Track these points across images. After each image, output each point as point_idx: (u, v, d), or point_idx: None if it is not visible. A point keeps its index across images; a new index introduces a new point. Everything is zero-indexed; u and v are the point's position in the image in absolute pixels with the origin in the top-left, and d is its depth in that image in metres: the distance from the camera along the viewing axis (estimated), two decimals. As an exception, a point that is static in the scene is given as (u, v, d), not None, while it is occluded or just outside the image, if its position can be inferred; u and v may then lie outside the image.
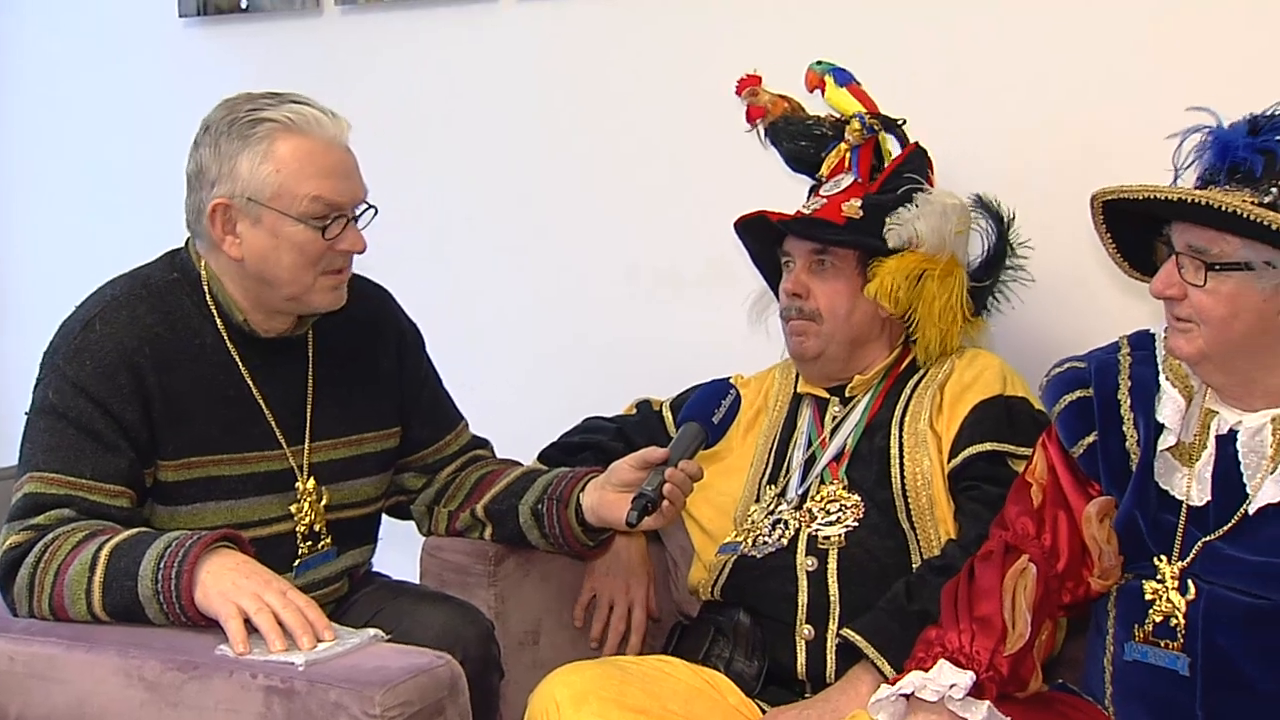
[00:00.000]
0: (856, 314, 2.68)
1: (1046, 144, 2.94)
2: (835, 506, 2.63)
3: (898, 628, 2.40)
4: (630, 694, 2.41)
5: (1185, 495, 2.21)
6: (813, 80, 2.82)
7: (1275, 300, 2.09)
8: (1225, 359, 2.15)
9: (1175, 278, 2.13)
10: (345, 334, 2.57)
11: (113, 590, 2.16)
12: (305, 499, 2.49)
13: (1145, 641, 2.21)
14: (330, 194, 2.34)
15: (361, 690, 1.91)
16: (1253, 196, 2.06)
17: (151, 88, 4.11)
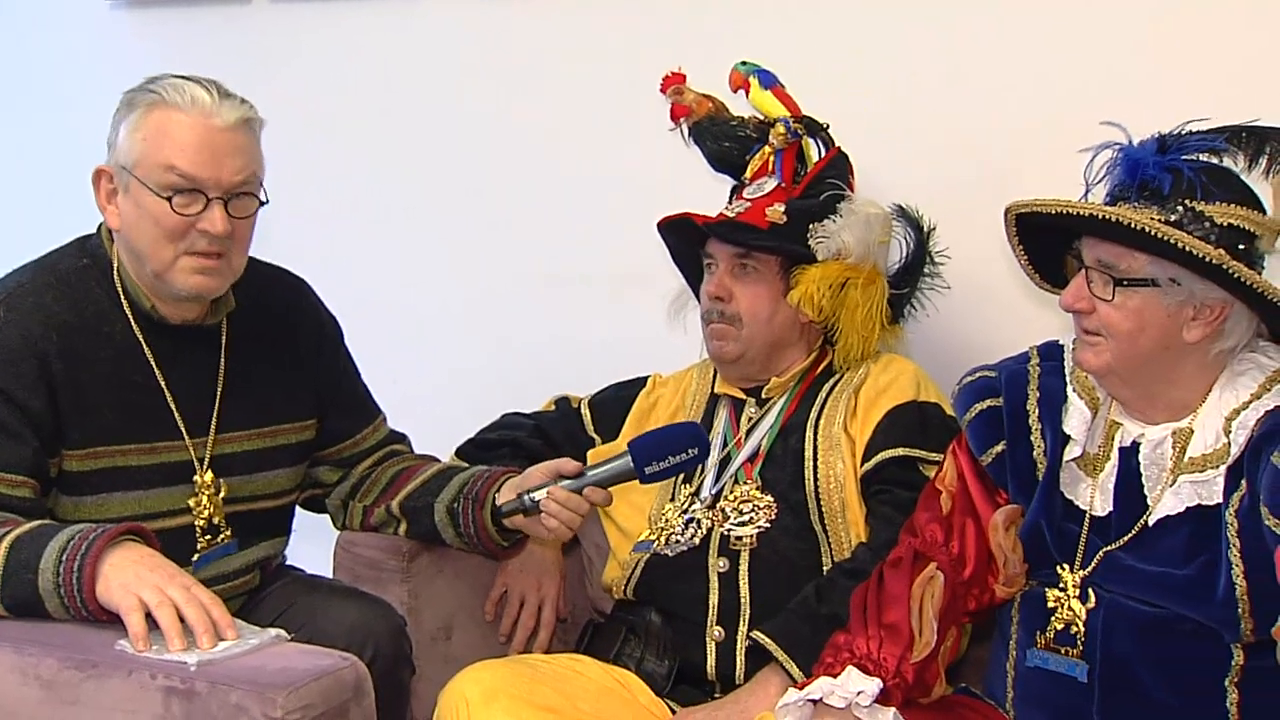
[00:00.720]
0: (777, 318, 2.67)
1: (964, 155, 2.95)
2: (749, 507, 2.63)
3: (807, 630, 2.40)
4: (540, 692, 2.40)
5: (1089, 505, 2.23)
6: (737, 80, 2.80)
7: (1179, 316, 2.11)
8: (1130, 372, 2.16)
9: (1084, 291, 2.15)
10: (261, 324, 2.52)
11: (11, 583, 2.10)
12: (203, 491, 2.43)
13: (1046, 648, 2.23)
14: (187, 166, 2.26)
15: (264, 692, 1.88)
16: (1160, 214, 2.08)
17: (78, 73, 4.04)
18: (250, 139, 2.34)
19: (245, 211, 2.33)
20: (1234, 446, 2.11)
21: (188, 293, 2.33)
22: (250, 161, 2.33)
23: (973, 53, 2.96)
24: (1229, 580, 2.07)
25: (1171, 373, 2.15)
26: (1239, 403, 2.13)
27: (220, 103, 2.29)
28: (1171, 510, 2.15)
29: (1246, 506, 2.07)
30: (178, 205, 2.26)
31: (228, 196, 2.29)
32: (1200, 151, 2.15)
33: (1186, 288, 2.09)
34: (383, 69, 3.56)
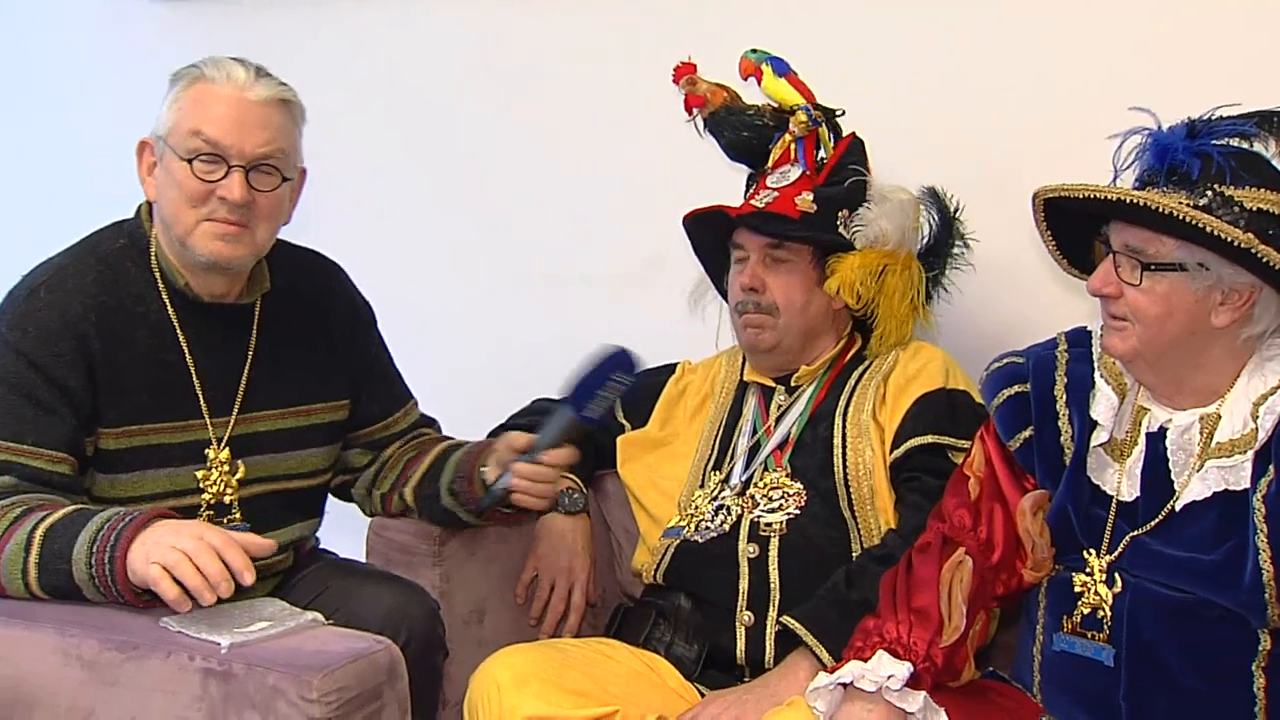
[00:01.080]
0: (812, 307, 2.67)
1: (965, 154, 2.94)
2: (778, 494, 2.63)
3: (837, 616, 2.40)
4: (570, 676, 2.42)
5: (1116, 490, 2.22)
6: (747, 68, 2.77)
7: (1207, 301, 2.10)
8: (1157, 357, 2.15)
9: (1112, 276, 2.14)
10: (295, 306, 2.54)
11: (48, 572, 2.13)
12: (216, 469, 2.42)
13: (1073, 632, 2.23)
14: (211, 132, 2.29)
15: (299, 674, 1.89)
16: (1189, 199, 2.07)
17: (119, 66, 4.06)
18: (283, 118, 2.36)
19: (267, 185, 2.34)
20: (1261, 432, 2.10)
21: (207, 258, 2.34)
22: (277, 137, 2.34)
23: (973, 52, 2.96)
24: (1256, 565, 2.06)
25: (1199, 358, 2.14)
26: (1267, 388, 2.12)
27: (256, 80, 2.33)
28: (1199, 495, 2.14)
29: (1274, 492, 2.06)
30: (199, 170, 2.29)
31: (249, 166, 2.31)
32: (1230, 136, 2.13)
33: (1215, 272, 2.07)
34: (386, 68, 3.57)
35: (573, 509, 2.76)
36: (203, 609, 2.04)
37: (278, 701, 1.88)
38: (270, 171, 2.34)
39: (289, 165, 2.38)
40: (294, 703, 1.87)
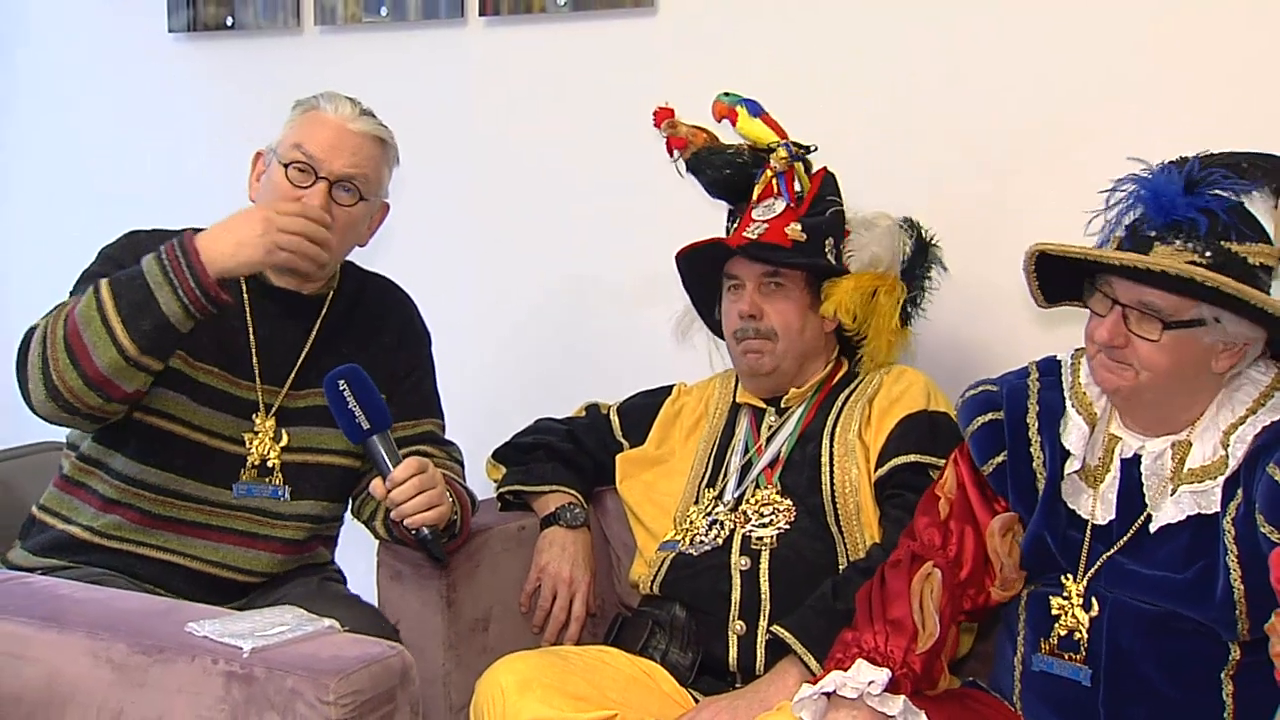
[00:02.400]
0: (807, 331, 2.68)
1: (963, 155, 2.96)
2: (769, 510, 2.63)
3: (824, 625, 2.39)
4: (571, 682, 2.41)
5: (1091, 514, 2.22)
6: (721, 110, 2.77)
7: (1212, 350, 2.09)
8: (1155, 397, 2.15)
9: (1122, 329, 2.09)
10: (359, 310, 2.68)
11: (123, 299, 2.30)
12: (263, 432, 2.57)
13: (1051, 654, 2.23)
14: (309, 146, 2.48)
15: (317, 678, 1.88)
16: (1199, 257, 2.04)
17: (143, 98, 4.07)
18: (374, 151, 2.56)
19: (346, 201, 2.50)
20: (1231, 459, 2.10)
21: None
22: (364, 163, 2.53)
23: (973, 55, 2.94)
24: (1227, 583, 2.06)
25: (1187, 397, 2.15)
26: (1235, 417, 2.13)
27: (359, 116, 2.55)
28: (1172, 519, 2.14)
29: (1243, 515, 2.06)
30: (292, 176, 2.48)
31: (333, 181, 2.48)
32: (1227, 190, 2.09)
33: (1224, 326, 2.07)
34: (416, 93, 3.57)
35: (574, 523, 2.75)
36: (225, 616, 2.06)
37: (296, 703, 1.87)
38: (350, 190, 2.51)
39: (369, 189, 2.55)
40: (312, 704, 1.86)
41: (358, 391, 2.40)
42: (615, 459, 2.86)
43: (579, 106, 3.44)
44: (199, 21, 3.90)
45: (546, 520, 2.78)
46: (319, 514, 2.64)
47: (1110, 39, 2.83)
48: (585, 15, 3.39)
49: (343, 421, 2.41)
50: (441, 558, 2.54)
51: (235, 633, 1.99)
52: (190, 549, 2.53)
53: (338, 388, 2.39)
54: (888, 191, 2.82)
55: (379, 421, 2.41)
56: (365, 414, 2.40)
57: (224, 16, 3.86)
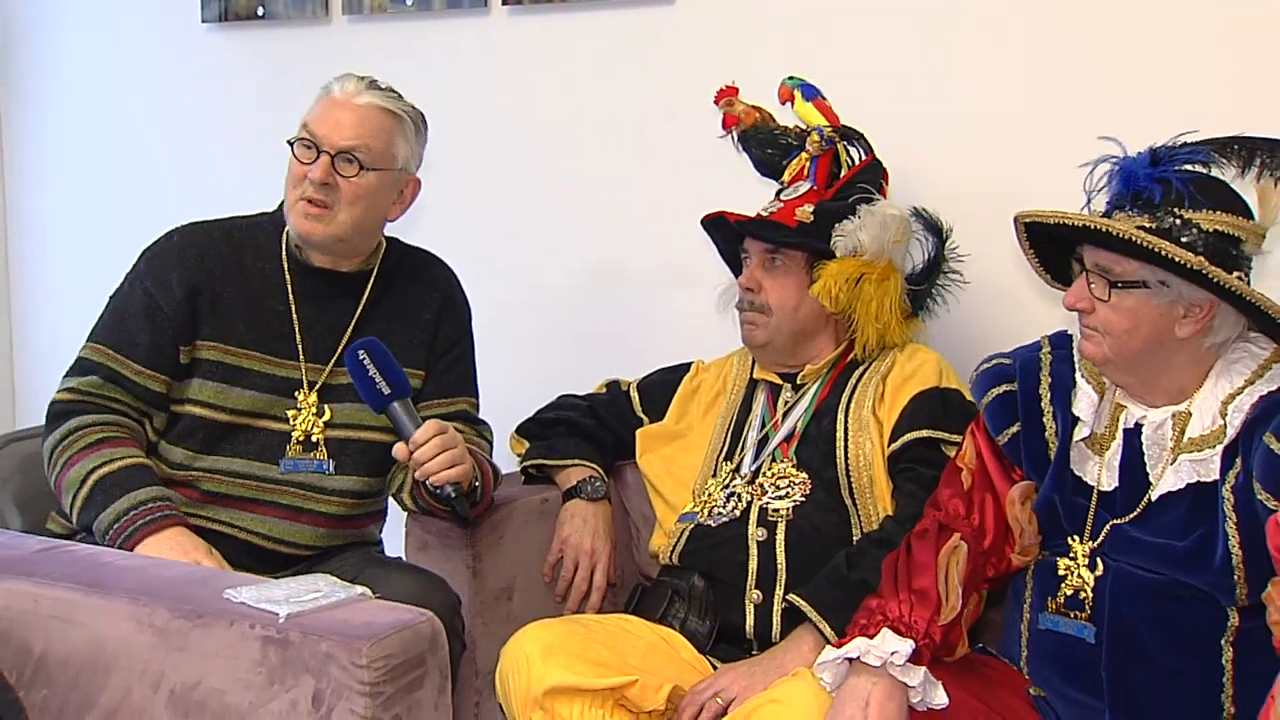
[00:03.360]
0: (803, 310, 2.68)
1: (982, 163, 2.94)
2: (785, 483, 2.63)
3: (838, 594, 2.41)
4: (593, 649, 2.42)
5: (1097, 481, 2.24)
6: (784, 94, 2.82)
7: (1170, 314, 2.12)
8: (1127, 363, 2.18)
9: (1085, 292, 2.17)
10: (402, 285, 2.70)
11: (83, 515, 2.41)
12: (305, 409, 2.59)
13: (1057, 612, 2.24)
14: (311, 124, 2.53)
15: (350, 642, 1.89)
16: (1150, 222, 2.10)
17: (177, 86, 4.09)
18: (380, 122, 2.55)
19: (348, 172, 2.52)
20: (1230, 429, 2.12)
21: (298, 233, 2.56)
22: (365, 134, 2.53)
23: (992, 76, 2.95)
24: (1225, 550, 2.08)
25: (1166, 364, 2.17)
26: (1233, 388, 2.14)
27: (365, 90, 2.56)
28: (1172, 486, 2.16)
29: (1241, 483, 2.08)
30: (298, 153, 2.53)
31: (335, 154, 2.50)
32: (1189, 163, 2.15)
33: (1175, 289, 2.10)
34: (446, 81, 3.57)
35: (594, 496, 2.77)
36: (261, 583, 2.08)
37: (330, 667, 1.89)
38: (352, 160, 2.51)
39: (374, 160, 2.54)
40: (345, 668, 1.87)
41: (378, 361, 2.44)
42: (635, 434, 2.88)
43: (600, 94, 3.44)
44: (231, 12, 3.91)
45: (568, 493, 2.80)
46: (360, 489, 2.65)
47: (1109, 59, 2.84)
48: (605, 5, 3.39)
49: (364, 390, 2.45)
50: (467, 516, 2.56)
51: (271, 599, 2.00)
52: (239, 521, 2.56)
53: (358, 358, 2.44)
54: (910, 181, 2.84)
55: (399, 388, 2.46)
56: (385, 380, 2.44)
57: (255, 7, 3.87)
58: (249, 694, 1.93)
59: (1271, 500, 2.03)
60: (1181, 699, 2.14)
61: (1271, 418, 2.07)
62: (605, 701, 2.37)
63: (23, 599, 2.07)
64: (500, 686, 2.44)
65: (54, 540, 2.32)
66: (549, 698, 2.35)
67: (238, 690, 1.94)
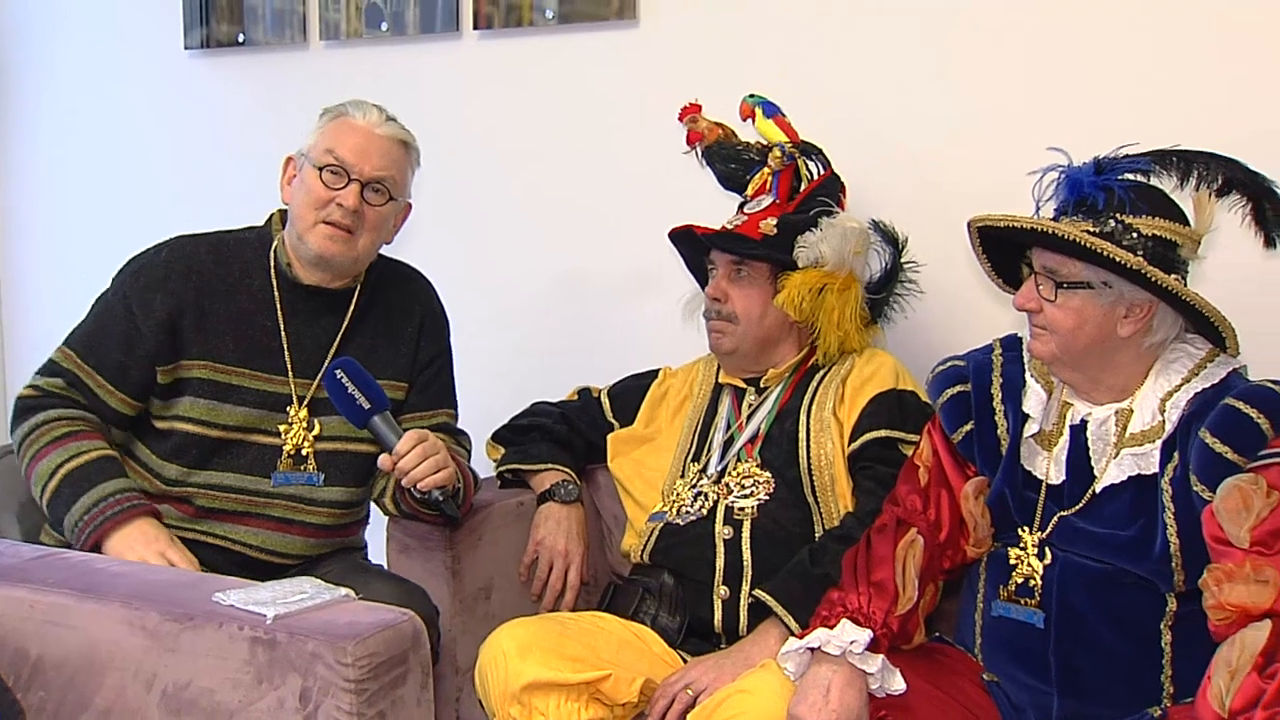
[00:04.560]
0: (768, 319, 2.69)
1: (937, 177, 2.96)
2: (749, 482, 2.65)
3: (802, 589, 2.42)
4: (568, 645, 2.43)
5: (1045, 475, 2.26)
6: (745, 111, 2.83)
7: (1113, 314, 2.16)
8: (1073, 360, 2.21)
9: (1033, 293, 2.20)
10: (385, 300, 2.69)
11: (53, 509, 2.42)
12: (296, 423, 2.57)
13: (1009, 599, 2.26)
14: (341, 152, 2.51)
15: (335, 642, 1.90)
16: (1094, 226, 2.13)
17: (162, 110, 4.10)
18: (400, 154, 2.58)
19: (376, 201, 2.54)
20: (1169, 424, 2.15)
21: (317, 253, 2.53)
22: (391, 166, 2.55)
23: (947, 93, 2.97)
24: (1164, 539, 2.11)
25: (1110, 362, 2.20)
26: (1172, 386, 2.17)
27: (385, 121, 2.58)
28: (1115, 479, 2.18)
29: (1179, 476, 2.11)
30: (326, 179, 2.51)
31: (365, 182, 2.52)
32: (1131, 172, 2.19)
33: (1117, 290, 2.14)
34: (420, 102, 3.56)
35: (568, 498, 2.78)
36: (248, 586, 2.08)
37: (317, 665, 1.89)
38: (380, 190, 2.54)
39: (397, 190, 2.58)
40: (331, 666, 1.88)
41: (355, 378, 2.45)
42: (606, 438, 2.89)
43: (567, 112, 3.46)
44: (213, 39, 3.93)
45: (543, 496, 2.80)
46: (348, 499, 2.65)
47: (1054, 78, 2.85)
48: (571, 28, 3.41)
49: (344, 407, 2.46)
50: (455, 516, 2.57)
51: (258, 601, 2.01)
52: (232, 534, 2.55)
53: (335, 378, 2.45)
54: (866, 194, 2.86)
55: (378, 402, 2.47)
56: (364, 396, 2.45)
57: (235, 34, 3.88)
58: (238, 692, 1.94)
59: (1207, 492, 2.06)
60: (1124, 681, 2.16)
61: (1206, 414, 2.10)
62: (580, 695, 2.38)
63: (18, 605, 2.06)
64: (479, 682, 2.45)
65: (48, 548, 2.32)
66: (526, 693, 2.36)
67: (227, 689, 1.94)
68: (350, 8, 3.69)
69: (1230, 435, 2.07)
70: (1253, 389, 2.12)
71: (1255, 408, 2.07)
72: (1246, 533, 1.99)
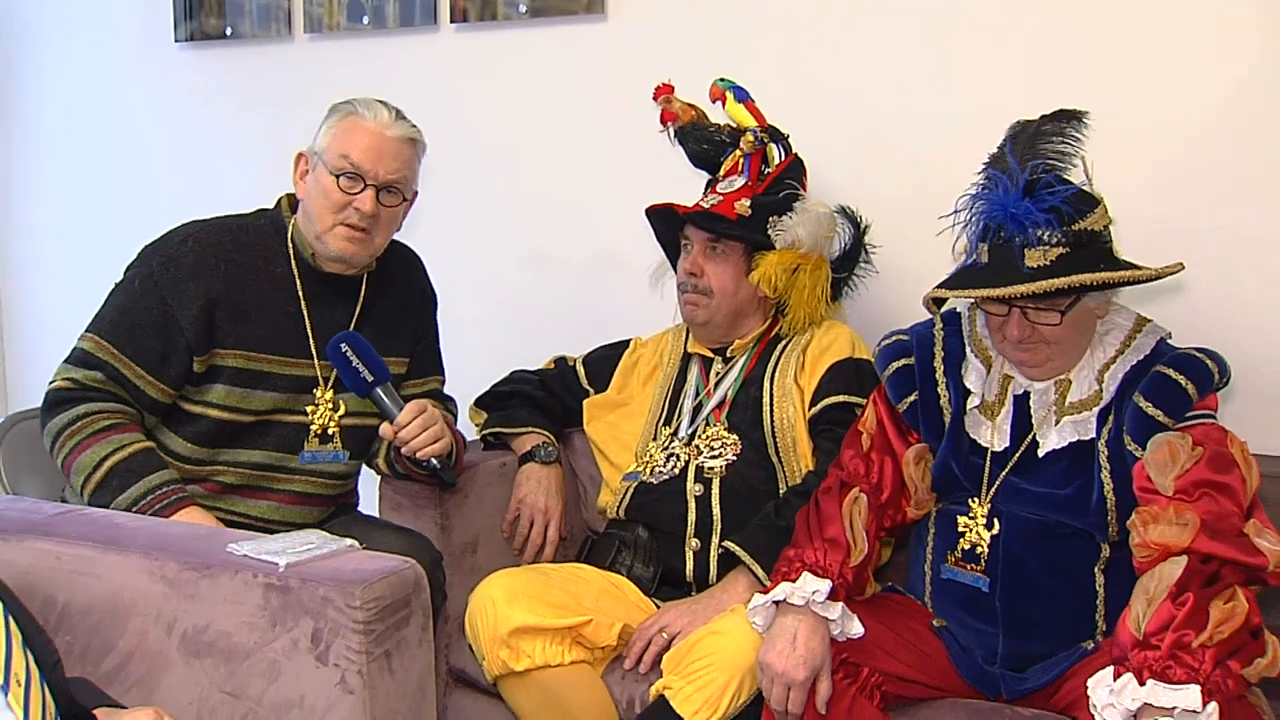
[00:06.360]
0: (741, 293, 2.72)
1: (898, 166, 2.98)
2: (718, 444, 2.67)
3: (767, 539, 2.46)
4: (552, 593, 2.47)
5: (990, 443, 2.29)
6: (716, 93, 2.83)
7: (1093, 315, 2.21)
8: (1059, 362, 2.24)
9: (1027, 325, 2.18)
10: (390, 282, 2.66)
11: (97, 498, 2.34)
12: (322, 403, 2.54)
13: (956, 564, 2.31)
14: (357, 158, 2.45)
15: (344, 587, 1.92)
16: (1062, 249, 2.11)
17: (154, 101, 4.07)
18: (411, 154, 2.52)
19: (391, 202, 2.50)
20: (1106, 394, 2.20)
21: (337, 254, 2.49)
22: (404, 167, 2.50)
23: (909, 85, 2.98)
24: (1101, 495, 2.17)
25: (1075, 349, 2.24)
26: (1107, 358, 2.22)
27: (395, 121, 2.50)
28: (1056, 445, 2.23)
29: (1114, 437, 2.17)
30: (343, 185, 2.45)
31: (380, 186, 2.46)
32: (1056, 182, 2.14)
33: (1093, 294, 2.18)
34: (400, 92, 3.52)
35: (547, 459, 2.79)
36: (259, 538, 2.10)
37: (327, 609, 1.91)
38: (395, 192, 2.50)
39: (409, 189, 2.54)
40: (341, 609, 1.90)
41: (359, 351, 2.46)
42: (582, 404, 2.91)
43: (540, 101, 3.47)
44: (201, 32, 3.90)
45: (524, 458, 2.82)
46: (355, 469, 2.67)
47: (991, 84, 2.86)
48: (543, 21, 3.42)
49: (349, 378, 2.47)
50: (453, 482, 2.59)
51: (270, 550, 2.03)
52: (253, 510, 2.54)
53: (340, 350, 2.45)
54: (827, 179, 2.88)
55: (380, 374, 2.48)
56: (367, 368, 2.46)
57: (223, 27, 3.86)
58: (254, 634, 1.96)
59: (1139, 450, 2.13)
60: (1062, 620, 2.23)
61: (1138, 382, 2.16)
62: (564, 639, 2.43)
63: (45, 556, 2.07)
64: (470, 628, 2.49)
65: (68, 505, 2.32)
66: (514, 637, 2.40)
67: (244, 632, 1.96)
68: (333, 2, 3.68)
69: (1160, 399, 2.13)
70: (1180, 357, 2.17)
71: (1182, 374, 2.14)
72: (1172, 481, 2.06)
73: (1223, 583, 1.97)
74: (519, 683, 2.44)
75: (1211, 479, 2.05)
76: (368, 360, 2.47)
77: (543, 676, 2.42)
